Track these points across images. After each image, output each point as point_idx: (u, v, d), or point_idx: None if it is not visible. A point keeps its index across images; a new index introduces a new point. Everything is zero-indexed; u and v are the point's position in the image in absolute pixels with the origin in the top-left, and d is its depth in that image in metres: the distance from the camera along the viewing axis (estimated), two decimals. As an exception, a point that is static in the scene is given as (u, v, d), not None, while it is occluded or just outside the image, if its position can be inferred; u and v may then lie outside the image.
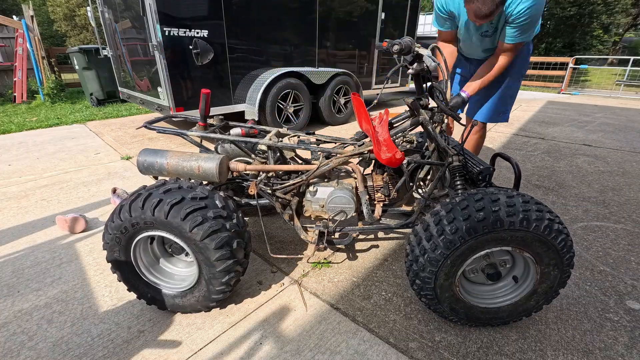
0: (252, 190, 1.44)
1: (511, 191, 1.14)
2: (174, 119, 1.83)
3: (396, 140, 1.68)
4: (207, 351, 1.21)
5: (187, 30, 3.26)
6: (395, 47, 1.15)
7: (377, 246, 1.88)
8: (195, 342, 1.25)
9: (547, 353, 1.22)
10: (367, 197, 1.55)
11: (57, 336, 1.27)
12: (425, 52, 1.17)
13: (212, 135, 1.47)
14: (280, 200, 1.55)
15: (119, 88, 4.91)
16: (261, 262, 1.73)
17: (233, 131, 1.66)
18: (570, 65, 9.77)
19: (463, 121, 1.45)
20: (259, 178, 1.55)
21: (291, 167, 1.56)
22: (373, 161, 1.53)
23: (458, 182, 1.43)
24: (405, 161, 1.48)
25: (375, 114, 6.09)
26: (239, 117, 3.92)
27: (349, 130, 4.68)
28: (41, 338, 1.27)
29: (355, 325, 1.33)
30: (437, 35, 2.00)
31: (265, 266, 1.69)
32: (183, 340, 1.26)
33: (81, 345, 1.23)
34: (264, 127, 1.73)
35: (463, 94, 1.77)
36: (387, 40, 1.26)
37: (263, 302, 1.45)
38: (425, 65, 1.31)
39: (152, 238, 1.32)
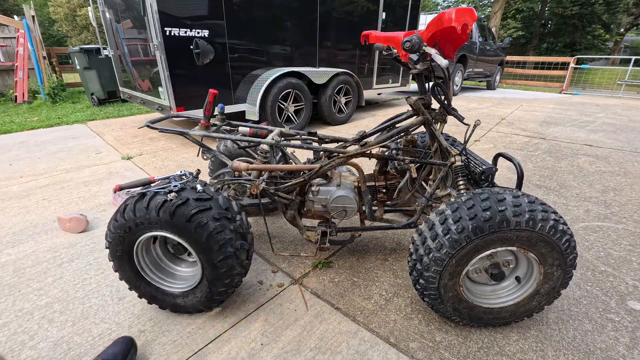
0: (255, 190, 1.44)
1: (516, 191, 1.13)
2: (175, 118, 1.83)
3: (398, 140, 1.68)
4: (207, 351, 1.21)
5: (188, 30, 3.26)
6: (407, 45, 1.15)
7: (378, 246, 1.88)
8: (196, 341, 1.25)
9: (547, 353, 1.21)
10: (369, 196, 1.55)
11: (58, 336, 1.27)
12: (432, 50, 1.16)
13: (214, 134, 1.47)
14: (282, 200, 1.55)
15: (120, 88, 4.92)
16: (262, 262, 1.73)
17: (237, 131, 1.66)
18: (572, 65, 9.76)
19: (466, 121, 1.45)
20: (261, 178, 1.55)
21: (293, 166, 1.56)
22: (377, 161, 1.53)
23: (460, 182, 1.42)
24: (407, 161, 1.48)
25: (376, 113, 6.09)
26: (241, 116, 3.92)
27: (350, 129, 4.67)
28: (42, 337, 1.27)
29: (355, 325, 1.33)
30: None
31: (266, 266, 1.69)
32: (183, 340, 1.26)
33: (82, 345, 1.23)
34: (263, 126, 1.73)
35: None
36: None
37: (264, 302, 1.45)
38: (430, 64, 1.30)
39: (154, 238, 1.32)
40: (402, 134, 1.46)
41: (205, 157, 1.69)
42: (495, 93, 9.32)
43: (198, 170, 1.44)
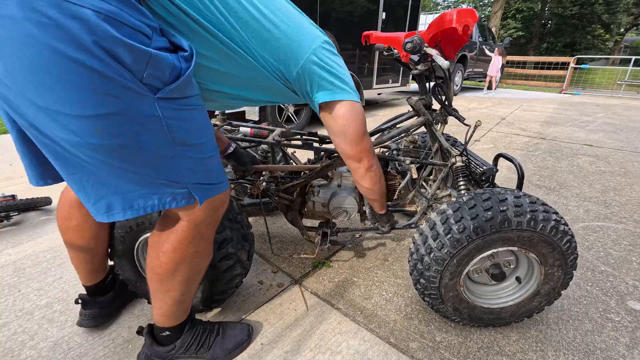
0: (256, 191, 1.44)
1: (517, 191, 1.14)
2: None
3: (398, 140, 1.68)
4: (208, 351, 1.21)
5: (188, 29, 3.25)
6: (408, 46, 1.15)
7: (377, 246, 1.88)
8: (197, 341, 1.25)
9: (547, 353, 1.21)
10: (369, 197, 1.54)
11: (58, 335, 1.27)
12: (434, 51, 1.16)
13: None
14: (283, 200, 1.55)
15: (120, 87, 4.91)
16: (262, 261, 1.73)
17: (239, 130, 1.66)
18: (572, 65, 9.77)
19: (467, 122, 1.45)
20: (261, 178, 1.55)
21: (294, 167, 1.56)
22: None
23: (461, 183, 1.42)
24: (408, 161, 1.48)
25: (376, 113, 6.10)
26: (241, 116, 3.92)
27: (349, 129, 4.67)
28: (42, 337, 1.27)
29: (355, 325, 1.33)
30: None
31: (266, 266, 1.69)
32: (184, 340, 1.25)
33: (82, 345, 1.23)
34: (264, 126, 1.73)
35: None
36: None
37: (264, 302, 1.45)
38: (431, 64, 1.30)
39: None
40: (402, 135, 1.46)
41: (205, 157, 1.69)
42: (495, 93, 9.32)
43: None
